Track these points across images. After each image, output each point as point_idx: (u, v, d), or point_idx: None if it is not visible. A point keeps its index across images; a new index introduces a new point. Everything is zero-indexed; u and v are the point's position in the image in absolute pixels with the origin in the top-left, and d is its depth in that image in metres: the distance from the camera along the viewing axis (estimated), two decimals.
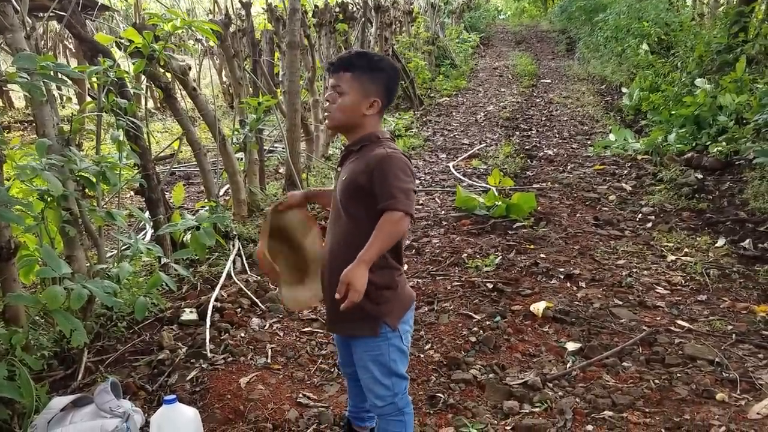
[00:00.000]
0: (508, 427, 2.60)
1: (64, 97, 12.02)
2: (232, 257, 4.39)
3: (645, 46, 12.23)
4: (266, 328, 3.56)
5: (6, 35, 3.16)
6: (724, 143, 6.75)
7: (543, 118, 10.78)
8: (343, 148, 2.20)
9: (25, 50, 3.06)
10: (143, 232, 5.01)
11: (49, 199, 2.99)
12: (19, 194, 3.23)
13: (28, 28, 3.39)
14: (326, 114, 2.12)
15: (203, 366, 3.06)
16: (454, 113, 11.64)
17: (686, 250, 4.67)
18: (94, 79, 3.41)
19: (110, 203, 3.89)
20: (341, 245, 2.07)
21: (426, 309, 3.80)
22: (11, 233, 2.86)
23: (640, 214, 5.59)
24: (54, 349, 3.04)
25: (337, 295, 1.87)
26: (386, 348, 2.07)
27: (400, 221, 1.91)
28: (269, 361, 3.19)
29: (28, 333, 2.81)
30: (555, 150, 8.41)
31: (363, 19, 10.29)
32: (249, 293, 3.91)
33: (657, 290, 4.01)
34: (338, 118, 2.09)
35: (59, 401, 2.47)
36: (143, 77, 4.58)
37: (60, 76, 2.93)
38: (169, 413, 2.16)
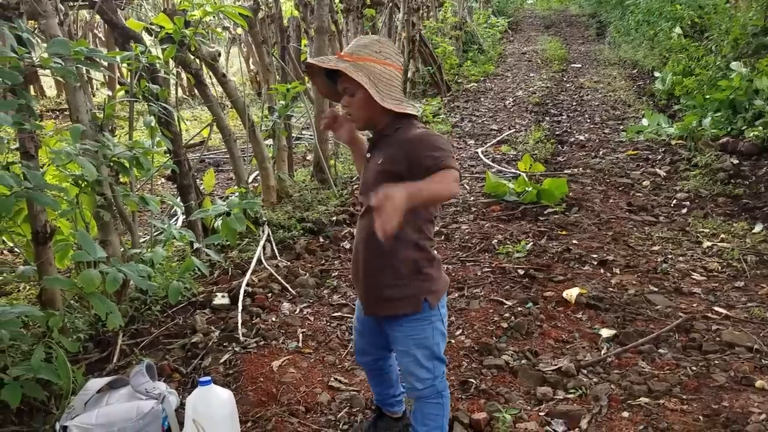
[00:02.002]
0: (542, 413, 2.57)
1: (97, 84, 12.19)
2: (262, 243, 4.41)
3: (678, 30, 11.94)
4: (297, 312, 3.57)
5: (40, 21, 3.19)
6: (760, 128, 6.56)
7: (574, 103, 10.62)
8: (371, 134, 2.16)
9: (58, 36, 3.09)
10: (174, 218, 5.06)
11: (83, 184, 3.03)
12: (54, 180, 3.27)
13: (61, 15, 3.43)
14: (349, 118, 2.09)
15: (236, 349, 3.09)
16: (482, 99, 11.53)
17: (722, 236, 4.57)
18: (125, 65, 3.44)
19: (142, 189, 3.93)
20: (373, 229, 2.04)
21: (456, 295, 3.78)
22: (47, 218, 2.91)
23: (674, 200, 5.48)
24: (89, 332, 3.08)
25: (371, 202, 1.71)
26: (430, 331, 2.07)
27: (456, 179, 1.84)
28: (300, 345, 3.20)
29: (64, 316, 2.86)
30: (586, 135, 8.29)
31: (390, 4, 10.22)
32: (279, 278, 3.92)
33: (693, 277, 3.93)
34: (362, 117, 2.06)
35: (95, 383, 2.50)
36: (172, 63, 4.60)
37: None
38: (205, 395, 2.17)
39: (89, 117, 3.25)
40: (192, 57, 4.31)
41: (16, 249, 4.03)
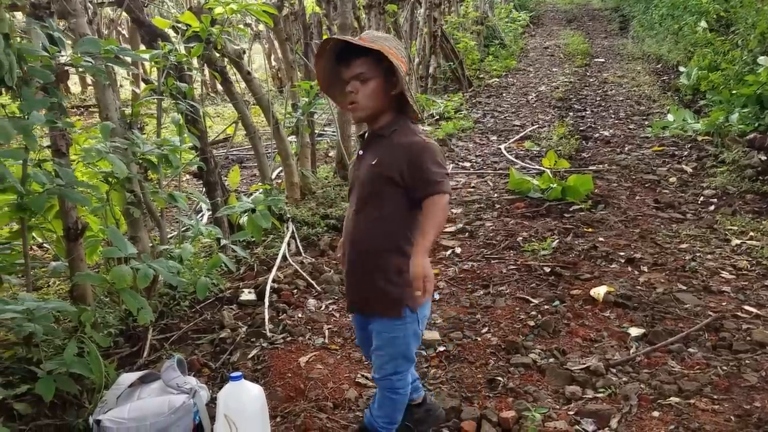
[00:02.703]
0: (570, 412, 2.55)
1: (124, 80, 12.30)
2: (286, 239, 4.43)
3: (703, 24, 11.74)
4: (322, 309, 3.59)
5: (70, 20, 3.23)
6: None
7: (597, 98, 10.51)
8: (368, 130, 2.15)
9: (88, 34, 3.13)
10: (200, 215, 5.10)
11: (113, 181, 3.06)
12: (83, 177, 3.32)
13: (89, 13, 3.47)
14: (353, 106, 2.04)
15: (263, 345, 3.11)
16: (504, 94, 11.46)
17: (751, 233, 4.50)
18: (152, 63, 3.47)
19: (168, 186, 3.96)
20: (367, 231, 2.07)
21: (481, 292, 3.76)
22: (78, 214, 2.95)
23: (701, 197, 5.40)
24: (120, 327, 3.13)
25: (418, 293, 1.87)
26: (403, 332, 2.11)
27: (446, 204, 1.96)
28: (326, 341, 3.21)
29: (95, 311, 2.90)
30: (611, 131, 8.20)
31: (412, 0, 10.19)
32: (304, 275, 3.94)
33: (722, 275, 3.87)
34: (369, 107, 2.04)
35: (127, 377, 2.54)
36: (195, 61, 4.63)
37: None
38: (236, 390, 2.19)
39: (118, 115, 3.28)
40: (218, 55, 4.33)
41: (45, 245, 4.09)
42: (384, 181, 2.00)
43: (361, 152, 2.13)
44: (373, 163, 2.03)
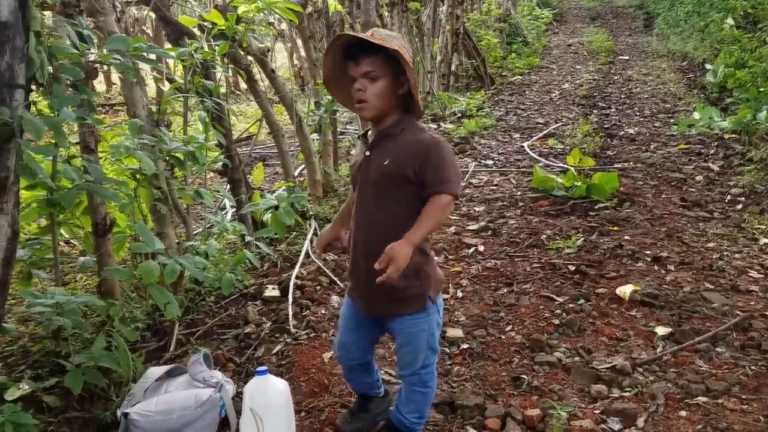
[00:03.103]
0: (597, 411, 2.53)
1: (149, 76, 12.44)
2: (309, 236, 4.45)
3: (730, 21, 11.54)
4: None
5: (98, 18, 3.28)
6: None
7: (622, 96, 10.40)
8: (371, 130, 2.14)
9: (116, 32, 3.17)
10: (224, 212, 5.14)
11: (141, 177, 3.10)
12: (111, 174, 3.36)
13: (117, 12, 3.51)
14: (361, 105, 2.01)
15: (287, 340, 3.13)
16: (527, 92, 11.38)
17: None
18: (179, 61, 3.50)
19: (195, 183, 4.00)
20: (378, 230, 2.05)
21: (505, 290, 3.74)
22: (106, 210, 2.99)
23: (729, 196, 5.32)
24: (147, 321, 3.16)
25: (376, 265, 1.87)
26: (428, 323, 2.14)
27: (450, 204, 1.98)
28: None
29: (123, 306, 2.94)
30: (636, 129, 8.11)
31: None
32: (327, 271, 3.95)
33: (750, 274, 3.81)
34: (378, 106, 2.01)
35: (155, 371, 2.57)
36: (221, 59, 4.66)
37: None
38: (261, 384, 2.21)
39: (146, 112, 3.32)
40: (243, 53, 4.36)
41: (72, 241, 4.15)
42: (398, 181, 2.01)
43: (367, 153, 2.10)
44: (386, 163, 2.02)
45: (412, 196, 2.01)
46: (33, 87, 2.35)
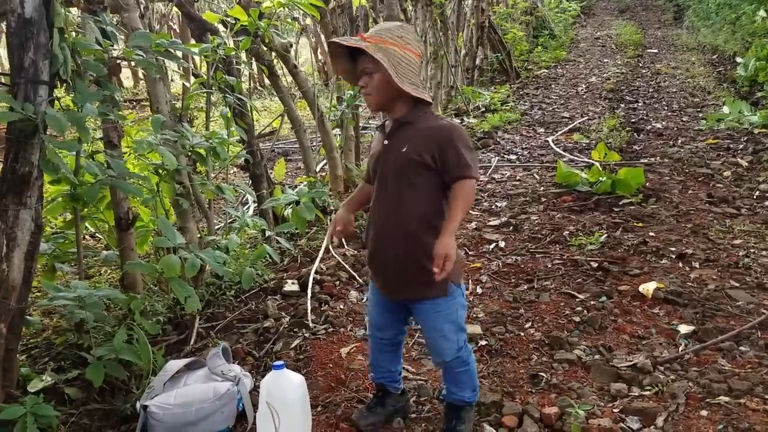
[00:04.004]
0: (615, 410, 2.50)
1: (174, 75, 12.59)
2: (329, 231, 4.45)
3: (762, 13, 11.29)
4: (364, 300, 3.60)
5: (122, 14, 3.32)
6: None
7: (650, 90, 10.23)
8: (388, 120, 2.20)
9: (139, 29, 3.21)
10: (246, 206, 5.18)
11: (163, 173, 3.13)
12: (134, 169, 3.41)
13: (141, 8, 3.55)
14: (367, 98, 2.13)
15: (305, 335, 3.14)
16: (553, 86, 11.26)
17: None
18: (202, 57, 3.53)
19: (216, 178, 4.04)
20: (398, 217, 2.11)
21: (525, 287, 3.71)
22: (129, 205, 3.03)
23: (757, 192, 5.20)
24: (168, 315, 3.20)
25: (435, 269, 1.95)
26: (455, 306, 2.20)
27: (474, 188, 2.07)
28: (367, 333, 3.22)
29: (144, 299, 2.98)
30: (664, 123, 7.97)
31: None
32: (347, 267, 3.96)
33: None
34: (379, 98, 2.11)
35: (174, 364, 2.60)
36: (244, 55, 4.69)
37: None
38: (278, 378, 2.22)
39: (169, 108, 3.36)
40: (265, 48, 4.38)
41: (97, 234, 4.23)
42: (418, 167, 2.06)
43: (386, 142, 2.16)
44: (404, 150, 2.07)
45: (431, 182, 2.07)
46: (57, 83, 2.39)
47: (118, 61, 3.11)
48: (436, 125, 2.09)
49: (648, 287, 3.45)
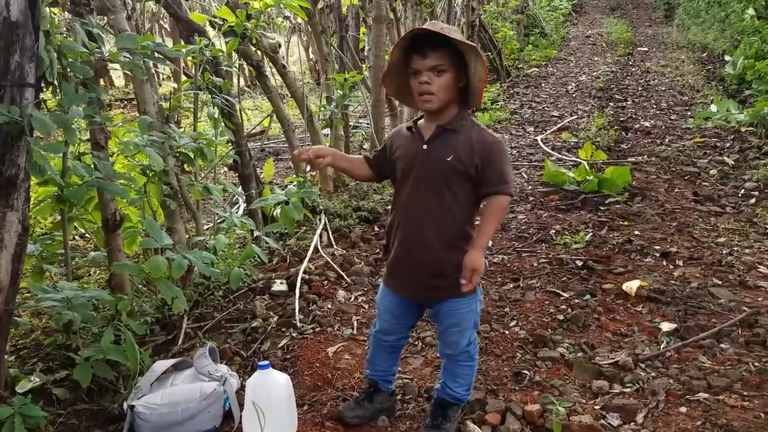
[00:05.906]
0: (596, 407, 2.54)
1: (162, 76, 12.56)
2: (318, 231, 4.49)
3: (751, 11, 11.34)
4: (351, 300, 3.63)
5: (109, 16, 3.33)
6: None
7: (639, 88, 10.30)
8: (422, 122, 2.21)
9: (126, 30, 3.22)
10: (235, 207, 5.20)
11: (150, 174, 3.15)
12: (122, 170, 3.42)
13: (128, 9, 3.56)
14: (426, 97, 2.06)
15: (293, 335, 3.17)
16: (543, 84, 11.32)
17: None
18: (190, 58, 3.54)
19: (206, 178, 4.06)
20: (433, 222, 2.15)
21: (511, 286, 3.76)
22: (116, 206, 3.04)
23: (742, 190, 5.27)
24: (156, 315, 3.22)
25: (463, 281, 2.06)
26: (476, 304, 2.30)
27: (508, 205, 2.15)
28: (355, 332, 3.26)
29: (132, 300, 3.00)
30: (652, 122, 8.04)
31: None
32: (335, 266, 3.99)
33: (759, 270, 3.78)
34: (443, 98, 2.09)
35: (161, 364, 2.62)
36: (235, 55, 4.70)
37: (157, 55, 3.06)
38: (263, 378, 2.25)
39: (156, 109, 3.37)
40: (253, 49, 4.40)
41: (87, 235, 4.23)
42: (460, 177, 2.11)
43: (425, 147, 2.14)
44: (449, 159, 2.09)
45: (470, 191, 2.14)
46: (43, 85, 2.40)
47: (105, 64, 3.12)
48: (483, 138, 2.11)
49: (631, 285, 3.50)
